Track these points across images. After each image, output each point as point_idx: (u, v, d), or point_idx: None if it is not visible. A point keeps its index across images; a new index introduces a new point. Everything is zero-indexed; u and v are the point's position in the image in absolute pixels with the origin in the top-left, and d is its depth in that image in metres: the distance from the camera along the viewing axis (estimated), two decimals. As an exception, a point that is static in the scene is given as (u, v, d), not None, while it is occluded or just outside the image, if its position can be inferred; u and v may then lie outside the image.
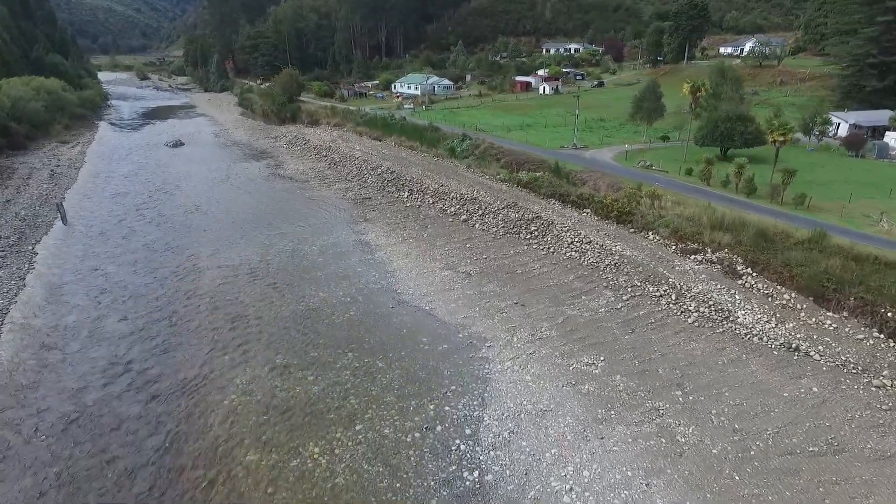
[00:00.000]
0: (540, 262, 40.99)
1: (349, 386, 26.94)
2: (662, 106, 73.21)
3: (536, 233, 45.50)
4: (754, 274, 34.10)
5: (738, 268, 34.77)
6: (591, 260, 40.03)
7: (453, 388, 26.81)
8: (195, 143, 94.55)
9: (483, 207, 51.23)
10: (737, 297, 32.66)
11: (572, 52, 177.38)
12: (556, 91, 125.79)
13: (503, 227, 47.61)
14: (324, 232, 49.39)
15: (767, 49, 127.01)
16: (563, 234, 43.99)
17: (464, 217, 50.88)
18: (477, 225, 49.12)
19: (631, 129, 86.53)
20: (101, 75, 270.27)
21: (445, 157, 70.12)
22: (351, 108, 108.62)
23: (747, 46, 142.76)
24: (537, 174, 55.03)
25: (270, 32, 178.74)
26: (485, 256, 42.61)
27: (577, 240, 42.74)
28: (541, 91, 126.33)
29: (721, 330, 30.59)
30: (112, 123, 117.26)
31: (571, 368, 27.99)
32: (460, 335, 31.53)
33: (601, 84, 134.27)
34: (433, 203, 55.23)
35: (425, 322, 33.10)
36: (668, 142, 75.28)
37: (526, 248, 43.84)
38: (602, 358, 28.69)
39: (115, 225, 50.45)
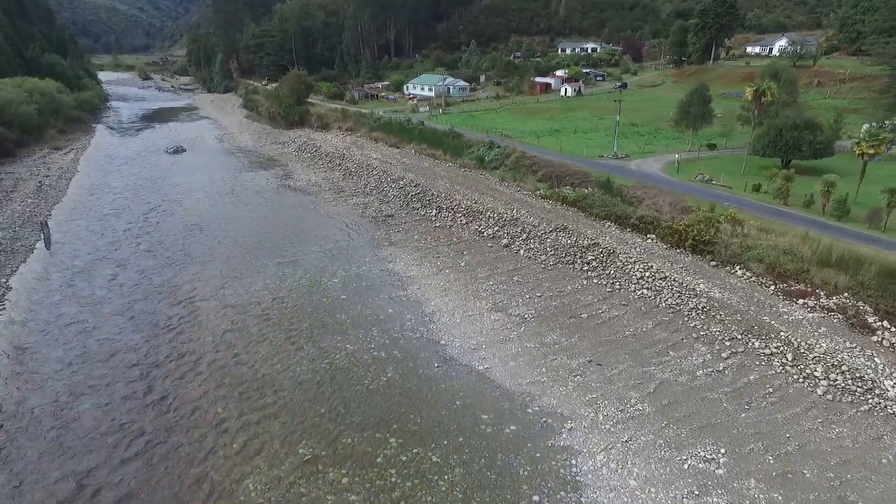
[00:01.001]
0: (606, 303, 34.29)
1: (398, 494, 20.29)
2: (710, 111, 66.51)
3: (595, 263, 38.78)
4: (893, 329, 27.31)
5: (870, 319, 27.97)
6: (670, 301, 33.30)
7: (536, 498, 20.15)
8: (197, 149, 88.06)
9: (526, 230, 44.53)
10: (877, 360, 25.90)
11: (589, 51, 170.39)
12: (579, 93, 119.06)
13: (553, 254, 40.91)
14: (344, 258, 42.79)
15: (801, 48, 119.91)
16: (630, 265, 37.27)
17: (505, 241, 44.20)
18: (522, 251, 42.43)
19: (670, 136, 79.88)
20: (103, 75, 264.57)
21: (473, 168, 63.44)
22: (363, 110, 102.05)
23: (777, 46, 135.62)
24: (585, 191, 48.30)
25: (276, 31, 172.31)
26: (538, 293, 35.93)
27: (647, 274, 36.02)
28: (562, 93, 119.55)
29: (866, 407, 23.86)
30: (110, 127, 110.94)
31: (687, 467, 21.31)
32: (530, 410, 24.87)
33: (624, 86, 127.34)
34: (467, 223, 48.56)
35: (482, 389, 26.44)
36: (716, 150, 68.55)
37: (585, 282, 37.13)
38: (722, 450, 22.00)
39: (103, 253, 43.55)
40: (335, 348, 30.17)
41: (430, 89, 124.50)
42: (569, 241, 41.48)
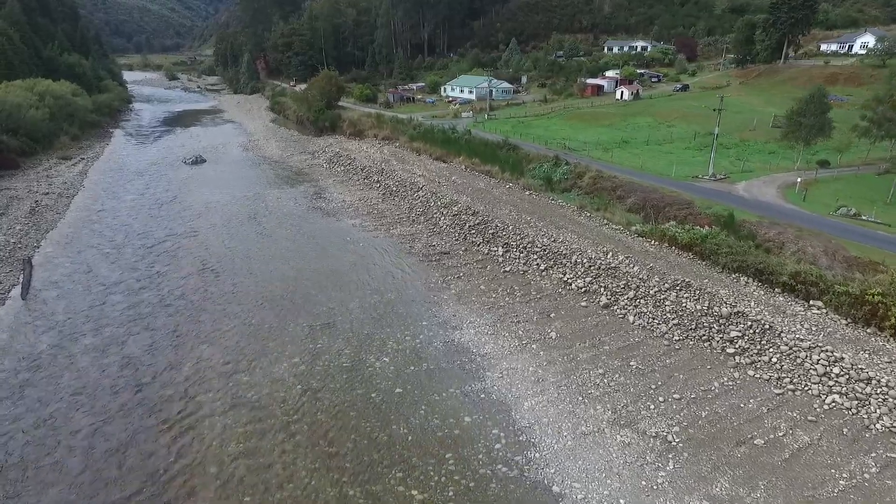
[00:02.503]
0: (782, 416, 23.45)
1: None
2: (829, 121, 54.58)
3: (745, 344, 27.87)
4: None
5: None
6: (888, 421, 22.27)
7: None
8: (219, 159, 79.23)
9: (632, 284, 33.77)
10: None
11: (639, 50, 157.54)
12: (637, 96, 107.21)
13: (678, 325, 30.10)
14: (394, 320, 32.69)
15: (894, 46, 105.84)
16: (802, 353, 26.26)
17: (604, 299, 33.50)
18: (631, 317, 31.70)
19: (761, 149, 68.06)
20: (132, 75, 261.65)
21: (539, 190, 52.75)
22: (399, 115, 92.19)
23: (860, 42, 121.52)
24: (701, 230, 37.22)
25: (305, 29, 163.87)
26: (674, 393, 25.24)
27: (836, 370, 24.99)
28: (618, 96, 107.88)
29: None
30: (128, 133, 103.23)
31: None
32: None
33: (685, 88, 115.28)
34: (546, 269, 37.97)
35: None
36: (834, 170, 56.57)
37: (738, 375, 26.28)
38: None
39: (86, 315, 33.15)
40: (397, 492, 19.98)
41: (471, 91, 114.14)
42: (698, 307, 30.58)
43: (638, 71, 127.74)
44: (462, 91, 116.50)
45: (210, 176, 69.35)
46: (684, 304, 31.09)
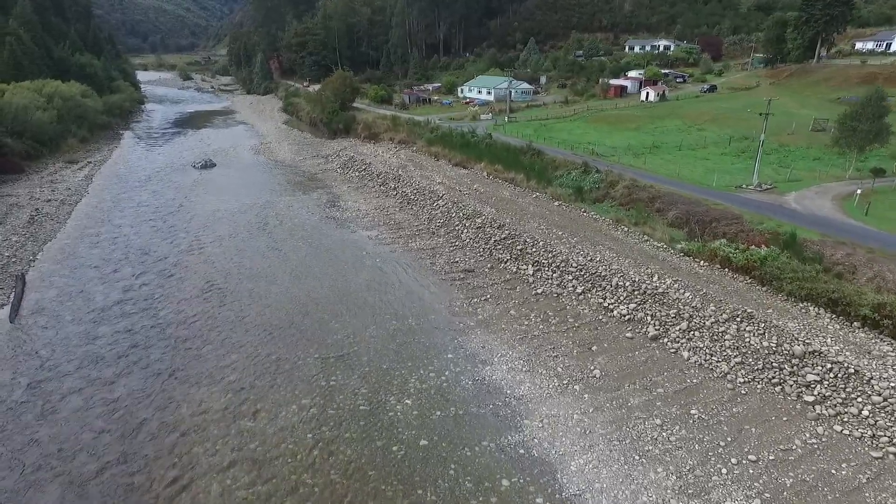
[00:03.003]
0: (888, 492, 19.47)
1: None
2: (887, 127, 50.15)
3: (825, 391, 23.93)
4: None
5: None
6: None
7: None
8: (229, 163, 76.33)
9: (682, 312, 29.91)
10: None
11: (661, 49, 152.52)
12: (663, 97, 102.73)
13: (741, 363, 26.24)
14: (416, 352, 29.20)
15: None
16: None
17: (652, 331, 29.68)
18: (685, 353, 27.86)
19: (804, 154, 63.53)
20: (146, 75, 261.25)
21: (569, 200, 48.90)
22: (416, 118, 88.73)
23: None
24: (761, 251, 33.20)
25: (319, 29, 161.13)
26: (748, 453, 21.44)
27: (944, 429, 20.99)
28: (643, 97, 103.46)
29: None
30: (138, 135, 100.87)
31: None
32: None
33: (713, 89, 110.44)
34: (584, 292, 34.20)
35: None
36: (887, 177, 52.05)
37: (822, 430, 22.40)
38: None
39: (78, 346, 29.26)
40: None
41: (489, 92, 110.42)
42: (764, 343, 26.65)
43: (662, 71, 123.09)
44: (480, 92, 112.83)
45: (219, 181, 66.38)
46: (747, 340, 27.17)
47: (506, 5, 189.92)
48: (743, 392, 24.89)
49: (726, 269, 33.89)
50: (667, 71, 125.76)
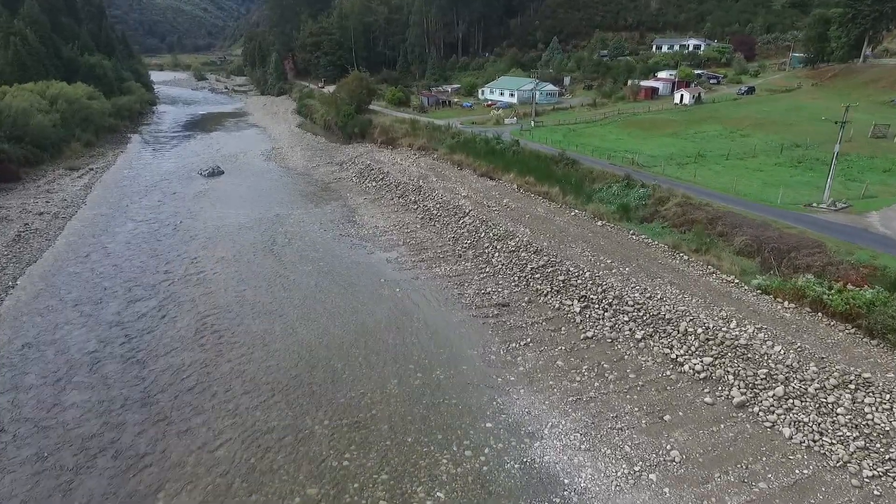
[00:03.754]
0: None
1: None
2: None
3: None
4: None
5: None
6: None
7: None
8: (238, 170, 71.78)
9: (774, 372, 24.25)
10: None
11: (691, 49, 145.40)
12: (699, 100, 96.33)
13: (865, 452, 20.55)
14: (445, 416, 23.99)
15: None
16: None
17: (737, 395, 24.06)
18: (785, 429, 22.20)
19: (870, 165, 57.10)
20: (161, 75, 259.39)
21: (613, 219, 43.27)
22: (436, 122, 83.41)
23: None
24: (864, 292, 27.32)
25: (334, 28, 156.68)
26: None
27: None
28: (677, 100, 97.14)
29: None
30: (146, 138, 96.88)
31: None
32: None
33: (751, 91, 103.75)
34: (644, 339, 28.64)
35: None
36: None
37: None
38: None
39: (32, 424, 23.63)
40: None
41: (512, 95, 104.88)
42: (894, 424, 20.90)
43: (695, 72, 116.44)
44: (502, 94, 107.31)
45: (226, 191, 61.73)
46: (868, 416, 21.47)
47: (526, 3, 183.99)
48: (876, 493, 19.19)
49: (819, 314, 28.06)
50: (699, 71, 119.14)
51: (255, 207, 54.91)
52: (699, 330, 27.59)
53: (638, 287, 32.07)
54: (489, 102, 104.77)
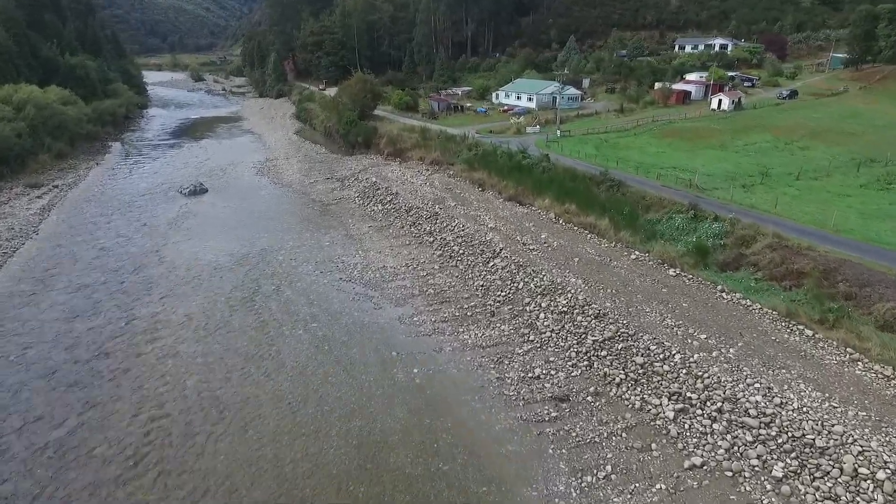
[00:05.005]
0: None
1: None
2: None
3: None
4: None
5: None
6: None
7: None
8: (224, 186, 62.67)
9: None
10: None
11: (717, 49, 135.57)
12: (738, 105, 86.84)
13: None
14: None
15: None
16: None
17: None
18: None
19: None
20: (160, 75, 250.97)
21: (687, 265, 33.88)
22: (448, 129, 74.13)
23: None
24: None
25: (337, 27, 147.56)
26: None
27: None
28: (714, 105, 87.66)
29: None
30: (128, 147, 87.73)
31: None
32: None
33: (794, 95, 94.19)
34: (784, 479, 19.26)
35: None
36: None
37: None
38: None
39: None
40: None
41: (531, 99, 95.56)
42: None
43: (729, 74, 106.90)
44: (519, 98, 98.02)
45: (208, 214, 52.60)
46: None
47: (539, 0, 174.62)
48: None
49: None
50: (732, 73, 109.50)
51: (239, 238, 45.72)
52: (879, 473, 18.24)
53: (757, 384, 22.75)
54: (505, 108, 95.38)
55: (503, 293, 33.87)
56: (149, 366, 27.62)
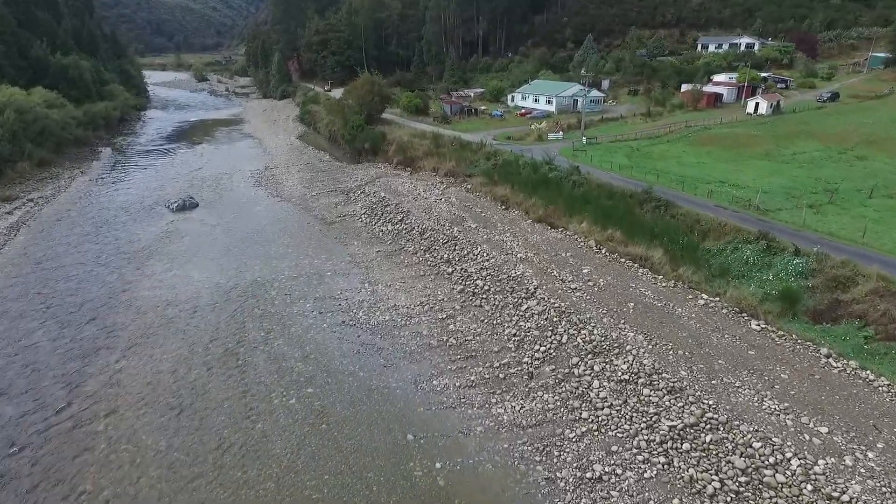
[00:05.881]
0: None
1: None
2: None
3: None
4: None
5: None
6: None
7: None
8: (216, 200, 56.59)
9: None
10: None
11: (743, 48, 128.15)
12: (777, 109, 79.88)
13: None
14: None
15: None
16: None
17: None
18: None
19: None
20: (164, 75, 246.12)
21: (772, 315, 27.24)
22: (463, 135, 67.76)
23: None
24: None
25: (343, 25, 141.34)
26: None
27: None
28: (751, 109, 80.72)
29: None
30: (119, 154, 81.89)
31: None
32: None
33: (835, 97, 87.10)
34: None
35: None
36: None
37: None
38: None
39: None
40: None
41: (549, 101, 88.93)
42: None
43: (762, 75, 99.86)
44: (537, 100, 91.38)
45: (196, 234, 46.46)
46: None
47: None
48: None
49: None
50: (765, 74, 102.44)
51: (227, 267, 39.51)
52: None
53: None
54: (522, 111, 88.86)
55: (542, 347, 27.41)
56: (98, 463, 21.31)
